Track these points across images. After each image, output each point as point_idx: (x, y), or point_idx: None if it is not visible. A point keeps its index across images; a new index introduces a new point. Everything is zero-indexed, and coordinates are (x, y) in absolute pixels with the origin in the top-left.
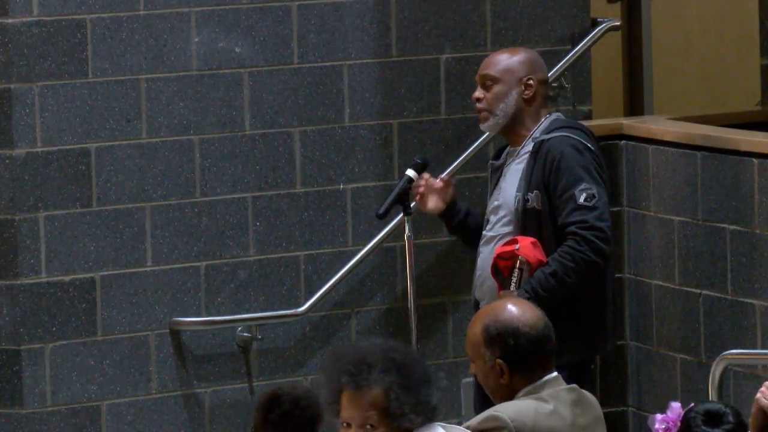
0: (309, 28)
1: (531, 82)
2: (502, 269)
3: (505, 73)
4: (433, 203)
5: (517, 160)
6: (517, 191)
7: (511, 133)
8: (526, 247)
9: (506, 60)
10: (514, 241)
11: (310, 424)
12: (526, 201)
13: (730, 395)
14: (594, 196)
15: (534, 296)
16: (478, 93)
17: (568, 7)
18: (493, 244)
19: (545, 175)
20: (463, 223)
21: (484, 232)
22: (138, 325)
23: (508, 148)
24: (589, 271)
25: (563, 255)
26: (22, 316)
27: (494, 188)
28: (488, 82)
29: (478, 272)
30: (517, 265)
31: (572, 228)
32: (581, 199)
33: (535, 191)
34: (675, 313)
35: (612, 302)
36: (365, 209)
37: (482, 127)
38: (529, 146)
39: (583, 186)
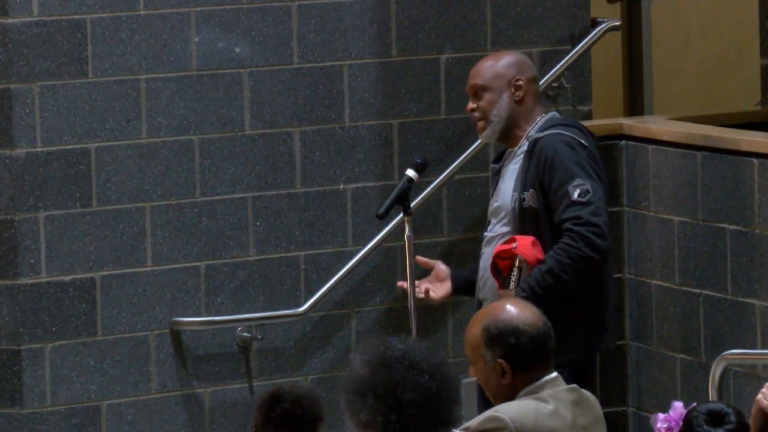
0: (309, 28)
1: (520, 82)
2: (501, 268)
3: (493, 79)
4: (442, 291)
5: (514, 161)
6: (514, 191)
7: (507, 136)
8: (524, 245)
9: (492, 66)
10: (512, 240)
11: (311, 423)
12: (522, 200)
13: (730, 395)
14: (588, 192)
15: (531, 294)
16: (471, 104)
17: (568, 7)
18: (493, 244)
19: (539, 172)
20: (469, 282)
21: (485, 234)
22: (138, 325)
23: (506, 150)
24: (586, 267)
25: (559, 252)
26: (22, 316)
27: (494, 190)
28: (479, 92)
29: (480, 273)
30: (516, 263)
31: (567, 224)
32: (575, 195)
33: (530, 190)
34: (675, 313)
35: (611, 299)
36: (365, 209)
37: (481, 137)
38: (524, 146)
39: (576, 182)
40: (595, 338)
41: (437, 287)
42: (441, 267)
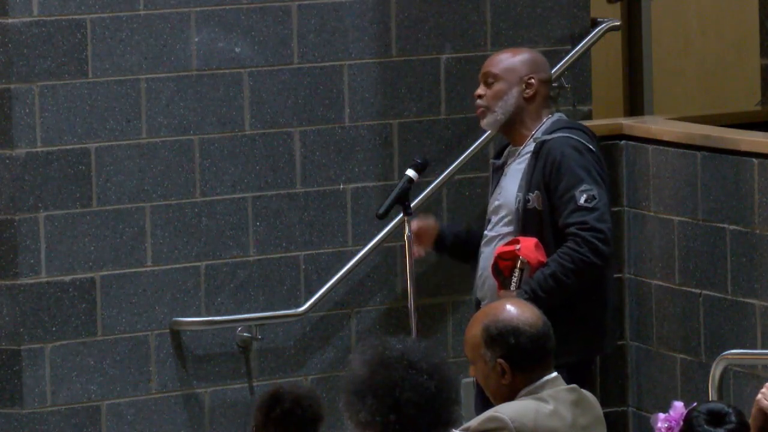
0: (309, 28)
1: (532, 81)
2: (502, 269)
3: (506, 72)
4: (422, 250)
5: (518, 160)
6: (518, 191)
7: (512, 131)
8: (528, 247)
9: (509, 59)
10: (515, 241)
11: (311, 423)
12: (526, 201)
13: (730, 395)
14: (594, 198)
15: (533, 297)
16: (480, 90)
17: (568, 7)
18: (494, 244)
19: (546, 175)
20: (453, 247)
21: (485, 232)
22: (138, 325)
23: (509, 147)
24: (589, 273)
25: (562, 256)
26: (22, 316)
27: (495, 187)
28: (490, 80)
29: (479, 272)
30: (518, 265)
31: (572, 229)
32: (581, 201)
33: (535, 192)
34: (675, 313)
35: (612, 303)
36: (365, 209)
37: (481, 124)
38: (530, 146)
39: (583, 187)
40: (595, 342)
41: (423, 241)
42: (431, 223)
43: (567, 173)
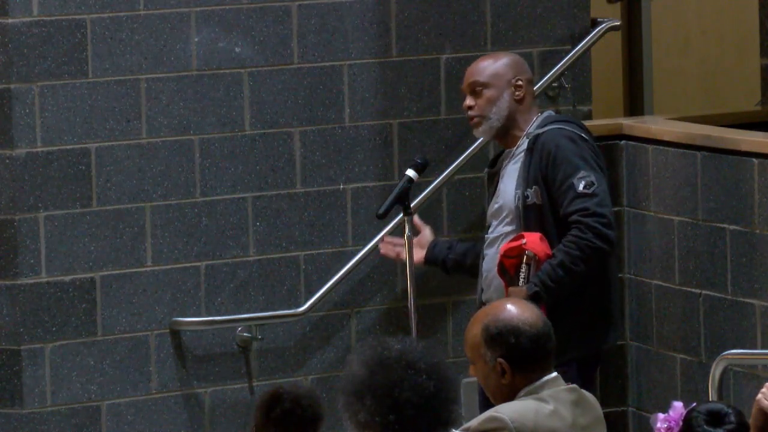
0: (309, 28)
1: (520, 82)
2: (508, 268)
3: (493, 77)
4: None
5: (513, 160)
6: (516, 189)
7: (505, 135)
8: (533, 241)
9: (492, 65)
10: (520, 237)
11: (311, 423)
12: (525, 198)
13: (730, 395)
14: (593, 183)
15: (543, 288)
16: (469, 101)
17: (568, 7)
18: (497, 245)
19: (542, 168)
20: (446, 260)
21: (486, 235)
22: (138, 325)
23: (504, 152)
24: (596, 258)
25: (568, 244)
26: (22, 316)
27: (493, 193)
28: (478, 89)
29: (483, 274)
30: (524, 260)
31: (575, 216)
32: (580, 187)
33: (534, 187)
34: (675, 313)
35: (616, 293)
36: (365, 209)
37: (476, 133)
38: (524, 144)
39: (581, 174)
40: (603, 332)
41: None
42: (425, 233)
43: (563, 163)
